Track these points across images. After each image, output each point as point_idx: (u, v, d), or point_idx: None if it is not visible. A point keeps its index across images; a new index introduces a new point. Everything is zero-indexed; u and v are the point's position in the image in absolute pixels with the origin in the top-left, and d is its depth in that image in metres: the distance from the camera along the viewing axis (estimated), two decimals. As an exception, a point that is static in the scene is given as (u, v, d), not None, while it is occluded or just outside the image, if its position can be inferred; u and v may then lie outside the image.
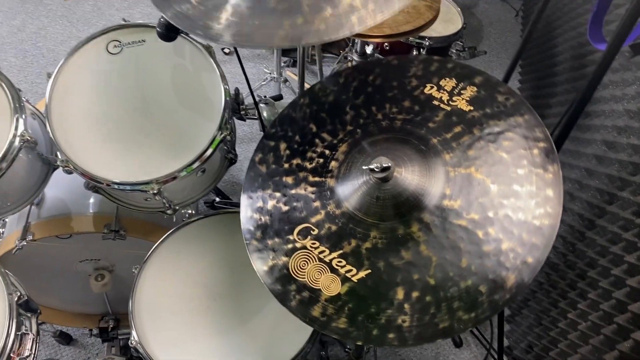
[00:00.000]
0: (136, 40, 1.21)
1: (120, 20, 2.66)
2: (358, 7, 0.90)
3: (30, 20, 2.64)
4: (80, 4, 2.72)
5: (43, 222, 1.37)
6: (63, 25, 2.63)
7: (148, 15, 2.70)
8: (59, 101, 1.15)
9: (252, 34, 0.90)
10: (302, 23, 0.90)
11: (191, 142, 1.15)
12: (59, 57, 2.51)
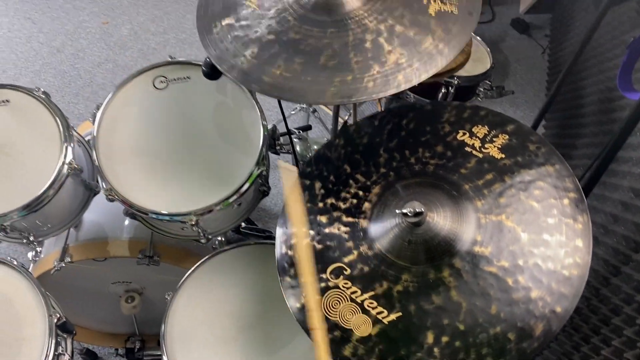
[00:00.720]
0: (181, 77, 1.27)
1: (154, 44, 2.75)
2: (404, 66, 0.95)
3: (70, 42, 2.74)
4: (117, 27, 2.82)
5: (81, 244, 1.42)
6: (100, 48, 2.72)
7: (183, 41, 2.79)
8: (107, 132, 1.21)
9: (304, 90, 0.95)
10: (351, 80, 0.95)
11: (230, 176, 1.19)
12: (95, 78, 2.61)
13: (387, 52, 0.97)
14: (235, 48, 1.02)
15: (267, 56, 1.00)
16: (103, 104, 1.23)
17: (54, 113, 1.22)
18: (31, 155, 1.19)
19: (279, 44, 1.01)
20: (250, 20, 1.05)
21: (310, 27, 1.01)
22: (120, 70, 2.64)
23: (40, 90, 1.24)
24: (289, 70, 0.98)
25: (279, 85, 0.97)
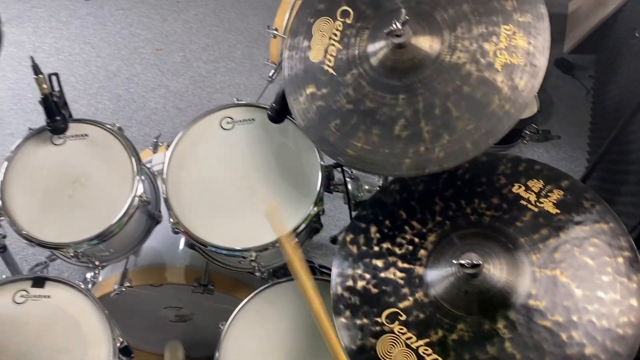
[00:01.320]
0: (247, 119, 1.34)
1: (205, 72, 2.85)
2: (472, 132, 0.99)
3: (125, 66, 2.87)
4: (171, 54, 2.94)
5: (139, 270, 1.49)
6: (154, 74, 2.84)
7: (232, 70, 2.89)
8: (176, 167, 1.29)
9: (383, 163, 1.02)
10: (424, 151, 1.01)
11: (288, 215, 1.25)
12: (148, 103, 2.72)
13: (455, 119, 1.02)
14: (320, 119, 1.11)
15: (348, 128, 1.08)
16: (174, 141, 1.31)
17: (127, 148, 1.30)
18: (105, 186, 1.27)
19: (357, 114, 1.08)
20: (329, 87, 1.12)
21: (383, 94, 1.08)
22: (172, 96, 2.75)
23: (116, 125, 1.33)
24: (368, 143, 1.05)
25: (362, 158, 1.06)
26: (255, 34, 3.08)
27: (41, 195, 1.25)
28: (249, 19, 3.16)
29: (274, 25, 2.42)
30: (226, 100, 2.73)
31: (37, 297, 1.27)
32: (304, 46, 1.18)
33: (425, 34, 1.07)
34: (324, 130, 1.13)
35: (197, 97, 2.76)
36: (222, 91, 2.79)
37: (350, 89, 1.13)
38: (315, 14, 1.18)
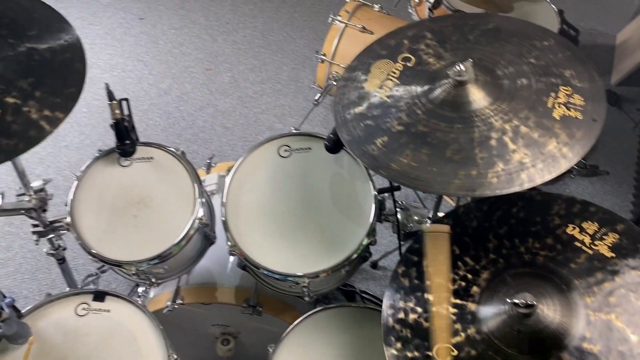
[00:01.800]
0: (303, 147, 1.39)
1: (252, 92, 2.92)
2: (528, 166, 1.01)
3: (176, 85, 2.97)
4: (219, 74, 3.03)
5: (191, 288, 1.54)
6: (203, 93, 2.93)
7: (278, 91, 2.96)
8: (235, 192, 1.34)
9: (430, 180, 1.03)
10: (476, 175, 1.02)
11: (341, 244, 1.28)
12: (197, 121, 2.80)
13: (512, 151, 1.04)
14: (366, 135, 1.12)
15: (396, 145, 1.09)
16: (234, 166, 1.36)
17: (189, 171, 1.36)
18: (167, 208, 1.33)
19: (407, 135, 1.10)
20: (381, 110, 1.15)
21: (438, 122, 1.09)
22: (219, 115, 2.83)
23: (179, 150, 1.39)
24: (416, 160, 1.06)
25: (406, 173, 1.05)
26: (302, 57, 3.14)
27: (107, 214, 1.31)
28: (295, 41, 3.23)
29: (322, 51, 2.48)
30: (271, 120, 2.80)
31: (97, 310, 1.33)
32: (360, 79, 1.22)
33: (486, 81, 1.10)
34: (369, 145, 1.12)
35: (244, 117, 2.83)
36: (267, 112, 2.86)
37: (403, 114, 1.15)
38: (377, 57, 1.23)
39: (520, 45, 1.18)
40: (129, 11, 3.35)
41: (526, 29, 1.24)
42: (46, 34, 1.16)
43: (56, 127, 1.05)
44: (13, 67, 1.08)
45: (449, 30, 1.24)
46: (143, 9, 3.36)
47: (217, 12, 3.38)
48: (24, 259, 2.25)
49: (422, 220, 1.47)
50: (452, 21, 1.28)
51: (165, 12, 3.36)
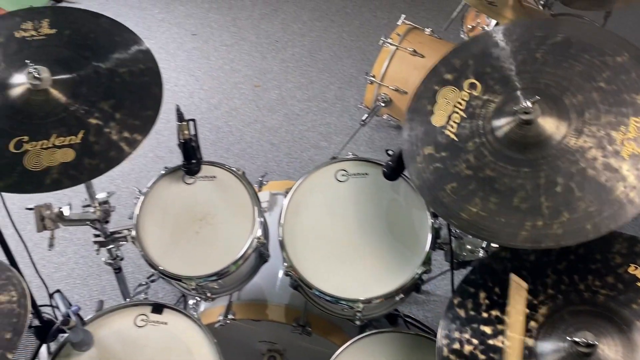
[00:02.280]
0: (360, 173, 1.42)
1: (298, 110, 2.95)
2: (593, 214, 1.01)
3: (226, 100, 3.05)
4: (268, 91, 3.09)
5: (243, 304, 1.58)
6: (251, 109, 3.00)
7: (324, 110, 3.00)
8: (292, 214, 1.38)
9: (498, 232, 1.05)
10: (541, 226, 1.03)
11: (397, 271, 1.30)
12: (245, 137, 2.87)
13: (577, 199, 1.04)
14: (436, 180, 1.14)
15: (465, 192, 1.11)
16: (292, 188, 1.40)
17: (249, 192, 1.40)
18: (228, 226, 1.37)
19: (476, 180, 1.11)
20: (449, 151, 1.16)
21: (505, 165, 1.10)
22: (267, 132, 2.88)
23: (241, 170, 1.43)
24: (485, 209, 1.07)
25: (476, 223, 1.08)
26: (348, 76, 3.19)
27: (171, 229, 1.36)
28: (342, 61, 3.28)
29: (372, 72, 2.52)
30: (316, 138, 2.84)
31: (155, 322, 1.37)
32: (426, 110, 1.24)
33: (552, 115, 1.10)
34: (439, 192, 1.16)
35: (290, 134, 2.88)
36: (313, 129, 2.90)
37: (471, 156, 1.16)
38: (442, 82, 1.24)
39: (591, 63, 1.14)
40: (183, 27, 3.45)
41: (599, 39, 1.18)
42: (126, 57, 1.22)
43: (135, 148, 1.11)
44: (95, 88, 1.15)
45: (515, 45, 1.22)
46: (196, 25, 3.47)
47: (267, 30, 3.46)
48: (76, 264, 2.33)
49: (475, 250, 1.48)
50: (520, 30, 1.24)
51: (217, 28, 3.45)
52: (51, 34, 1.20)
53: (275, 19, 3.55)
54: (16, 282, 1.29)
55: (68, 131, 1.09)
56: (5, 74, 1.14)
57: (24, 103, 1.11)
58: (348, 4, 3.68)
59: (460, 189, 1.15)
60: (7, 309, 1.24)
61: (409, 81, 2.46)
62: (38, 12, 1.23)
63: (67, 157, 1.07)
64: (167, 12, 3.55)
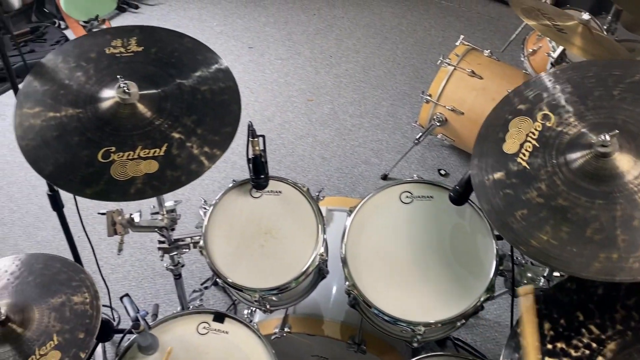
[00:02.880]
0: (425, 195, 1.43)
1: (350, 125, 2.98)
2: None
3: (279, 113, 3.10)
4: (320, 105, 3.14)
5: (299, 317, 1.60)
6: (303, 122, 3.05)
7: (376, 126, 3.02)
8: (355, 233, 1.40)
9: (569, 261, 1.04)
10: (616, 259, 1.02)
11: (460, 296, 1.30)
12: (296, 150, 2.91)
13: (656, 234, 1.02)
14: (505, 206, 1.14)
15: (535, 220, 1.10)
16: (356, 207, 1.42)
17: (314, 208, 1.43)
18: (292, 241, 1.40)
19: (547, 208, 1.10)
20: (520, 178, 1.16)
21: (578, 195, 1.09)
22: (318, 145, 2.92)
23: (305, 187, 1.47)
24: (556, 238, 1.06)
25: (545, 251, 1.06)
26: (401, 94, 3.20)
27: (237, 241, 1.40)
28: (396, 78, 3.30)
29: (428, 91, 2.53)
30: (367, 154, 2.86)
31: (217, 331, 1.41)
32: (498, 137, 1.24)
33: (630, 151, 1.09)
34: (509, 217, 1.15)
35: (341, 148, 2.91)
36: (364, 145, 2.93)
37: (542, 184, 1.15)
38: (515, 112, 1.25)
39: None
40: (240, 39, 3.55)
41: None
42: (207, 75, 1.27)
43: (214, 163, 1.15)
44: (179, 104, 1.20)
45: (591, 82, 1.21)
46: (253, 39, 3.56)
47: (321, 45, 3.52)
48: (132, 267, 2.41)
49: (536, 278, 1.46)
50: (596, 69, 1.24)
51: (273, 42, 3.53)
52: (138, 51, 1.26)
53: (330, 34, 3.61)
54: (89, 284, 1.36)
55: (153, 144, 1.15)
56: (96, 88, 1.20)
57: (112, 115, 1.17)
58: (403, 22, 3.70)
59: (530, 216, 1.14)
60: (80, 310, 1.31)
61: (466, 102, 2.46)
62: (127, 30, 1.30)
63: (151, 169, 1.12)
64: (225, 25, 3.66)
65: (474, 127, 2.46)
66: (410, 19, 3.73)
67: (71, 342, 1.24)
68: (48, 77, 1.20)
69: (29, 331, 1.24)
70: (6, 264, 1.35)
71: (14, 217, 2.55)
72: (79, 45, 1.27)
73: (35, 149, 1.12)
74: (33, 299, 1.30)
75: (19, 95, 1.19)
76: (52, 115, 1.15)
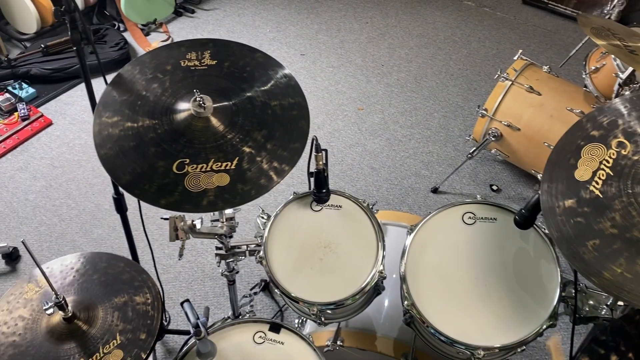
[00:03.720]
0: (489, 217, 1.41)
1: (400, 136, 2.96)
2: None
3: (329, 121, 3.12)
4: (370, 115, 3.13)
5: (351, 332, 1.61)
6: (353, 131, 3.05)
7: (427, 138, 2.99)
8: (416, 251, 1.39)
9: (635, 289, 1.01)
10: None
11: (522, 322, 1.28)
12: (346, 158, 2.91)
13: None
14: (576, 235, 1.12)
15: (608, 251, 1.07)
16: (417, 225, 1.41)
17: (374, 225, 1.43)
18: (351, 257, 1.41)
19: (621, 240, 1.07)
20: (592, 207, 1.13)
21: None
22: (367, 155, 2.92)
23: (366, 202, 1.47)
24: (630, 271, 1.04)
25: (619, 284, 1.04)
26: (454, 105, 3.17)
27: (297, 253, 1.42)
28: (448, 89, 3.27)
29: (485, 105, 2.49)
30: (418, 166, 2.84)
31: (273, 341, 1.43)
32: (569, 164, 1.22)
33: None
34: (580, 247, 1.12)
35: (391, 159, 2.90)
36: (414, 157, 2.91)
37: (617, 215, 1.13)
38: (587, 138, 1.22)
39: None
40: (292, 46, 3.58)
41: None
42: (277, 90, 1.29)
43: (282, 178, 1.17)
44: (250, 119, 1.22)
45: None
46: (305, 46, 3.59)
47: (373, 54, 3.52)
48: (182, 268, 2.46)
49: (599, 307, 1.42)
50: None
51: (325, 50, 3.55)
52: (212, 64, 1.29)
53: (382, 43, 3.60)
54: (150, 285, 1.39)
55: (225, 157, 1.17)
56: (171, 100, 1.24)
57: (186, 128, 1.20)
58: (456, 32, 3.67)
59: (603, 246, 1.11)
60: (142, 311, 1.34)
61: (522, 118, 2.42)
62: (201, 43, 1.33)
63: (222, 181, 1.15)
64: (278, 32, 3.70)
65: (530, 144, 2.43)
66: (464, 29, 3.68)
67: (133, 342, 1.27)
68: (126, 88, 1.24)
69: (94, 329, 1.27)
70: (72, 261, 1.40)
71: (71, 214, 2.65)
72: (155, 56, 1.31)
73: (112, 157, 1.16)
74: (97, 297, 1.34)
75: (99, 104, 1.23)
76: (130, 125, 1.19)
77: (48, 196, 2.71)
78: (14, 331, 1.25)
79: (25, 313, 1.28)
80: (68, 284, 1.34)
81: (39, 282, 1.34)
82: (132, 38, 3.59)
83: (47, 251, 2.49)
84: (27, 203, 2.68)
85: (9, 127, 2.98)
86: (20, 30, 3.46)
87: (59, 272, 1.36)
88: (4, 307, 1.30)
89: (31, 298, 1.31)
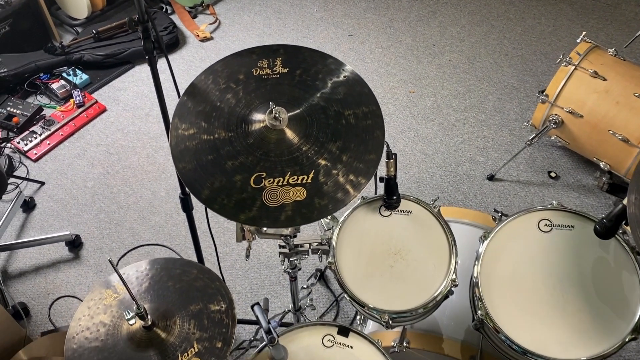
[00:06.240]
0: (566, 225, 1.36)
1: (454, 120, 2.89)
2: None
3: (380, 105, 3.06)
4: (422, 98, 3.06)
5: (418, 333, 1.60)
6: (405, 115, 2.99)
7: (481, 122, 2.91)
8: (490, 259, 1.37)
9: None
10: None
11: (601, 335, 1.25)
12: (397, 144, 2.87)
13: None
14: None
15: None
16: (491, 233, 1.38)
17: (446, 231, 1.41)
18: (422, 264, 1.39)
19: None
20: None
21: None
22: (420, 140, 2.86)
23: (437, 207, 1.44)
24: None
25: None
26: (509, 87, 3.07)
27: (366, 260, 1.41)
28: (503, 70, 3.16)
29: (546, 91, 2.40)
30: (472, 152, 2.77)
31: (341, 344, 1.44)
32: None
33: None
34: None
35: (444, 145, 2.84)
36: (469, 142, 2.84)
37: None
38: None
39: None
40: (340, 27, 3.51)
41: None
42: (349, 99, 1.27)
43: (359, 191, 1.15)
44: (324, 130, 1.20)
45: None
46: (353, 26, 3.51)
47: (424, 33, 3.42)
48: (239, 256, 2.50)
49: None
50: None
51: (373, 29, 3.47)
52: (284, 73, 1.27)
53: (433, 21, 3.49)
54: (224, 293, 1.41)
55: (301, 170, 1.16)
56: (246, 111, 1.23)
57: (260, 140, 1.19)
58: (510, 9, 3.52)
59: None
60: (217, 318, 1.36)
61: (586, 104, 2.32)
62: (272, 50, 1.31)
63: (299, 196, 1.14)
64: (325, 11, 3.63)
65: (593, 131, 2.34)
66: (518, 5, 3.53)
67: (210, 350, 1.29)
68: (200, 99, 1.24)
69: (172, 337, 1.30)
70: (147, 267, 1.43)
71: (129, 201, 2.71)
72: (227, 65, 1.29)
73: (191, 172, 1.16)
74: (173, 305, 1.36)
75: (174, 116, 1.23)
76: (206, 138, 1.19)
77: (106, 183, 2.78)
78: (96, 337, 1.30)
79: (105, 319, 1.32)
80: (144, 291, 1.37)
81: (116, 289, 1.37)
82: (180, 21, 3.58)
83: (108, 238, 2.56)
84: (86, 190, 2.75)
85: (66, 114, 3.04)
86: (71, 16, 3.50)
87: (135, 279, 1.39)
88: (85, 313, 1.34)
89: (110, 304, 1.35)
